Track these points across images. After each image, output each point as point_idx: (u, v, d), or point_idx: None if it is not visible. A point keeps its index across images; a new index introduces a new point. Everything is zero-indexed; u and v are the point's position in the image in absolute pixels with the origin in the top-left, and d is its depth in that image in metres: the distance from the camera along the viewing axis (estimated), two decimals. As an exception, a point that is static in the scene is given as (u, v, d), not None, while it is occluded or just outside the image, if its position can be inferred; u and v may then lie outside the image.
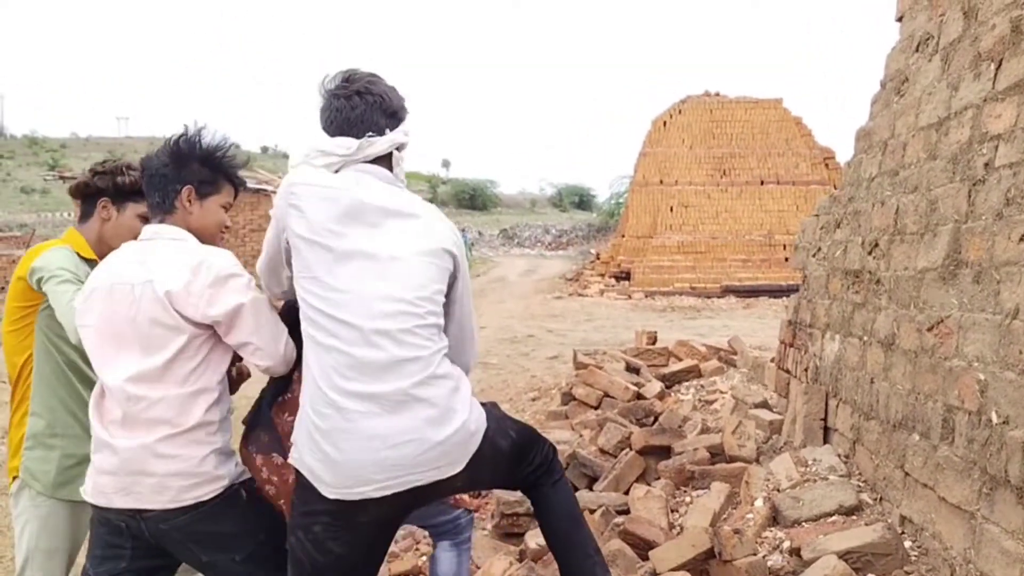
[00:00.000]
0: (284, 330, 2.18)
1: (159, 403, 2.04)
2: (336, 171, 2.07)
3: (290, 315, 2.19)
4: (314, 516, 1.98)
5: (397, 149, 2.14)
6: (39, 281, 2.40)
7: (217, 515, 2.10)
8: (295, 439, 2.00)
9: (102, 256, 2.32)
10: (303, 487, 1.99)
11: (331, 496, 1.92)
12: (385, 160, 2.11)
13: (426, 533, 3.36)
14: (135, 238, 2.26)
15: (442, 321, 2.06)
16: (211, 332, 2.09)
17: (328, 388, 1.91)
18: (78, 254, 2.52)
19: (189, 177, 2.20)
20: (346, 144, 2.06)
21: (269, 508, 2.22)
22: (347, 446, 1.89)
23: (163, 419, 2.05)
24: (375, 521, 2.03)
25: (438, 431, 1.94)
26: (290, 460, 2.04)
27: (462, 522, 2.64)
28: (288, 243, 2.01)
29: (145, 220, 2.33)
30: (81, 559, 3.15)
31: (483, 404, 2.18)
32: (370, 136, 2.07)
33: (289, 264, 2.05)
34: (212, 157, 2.24)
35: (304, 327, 1.99)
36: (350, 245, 1.96)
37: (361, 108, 2.08)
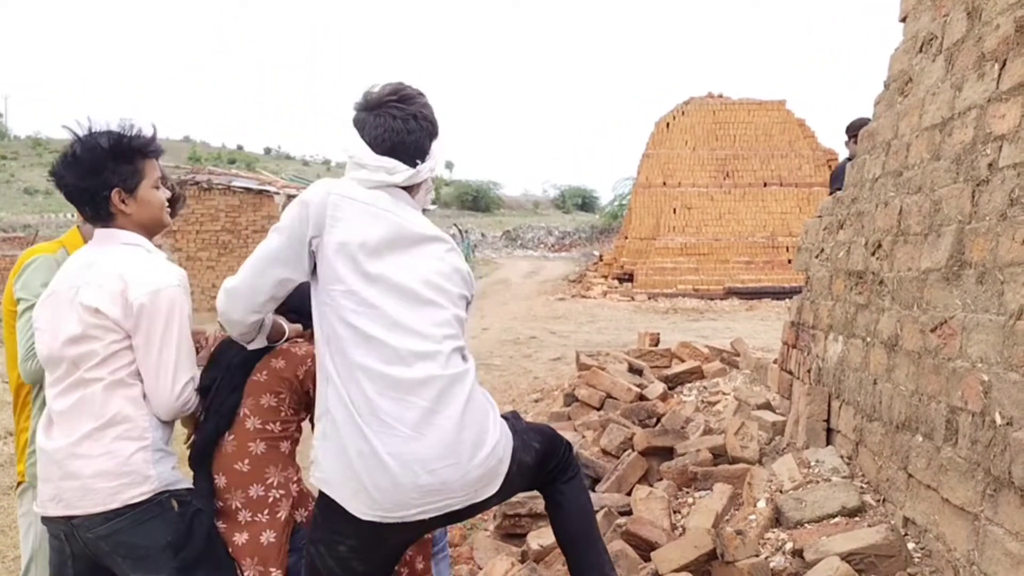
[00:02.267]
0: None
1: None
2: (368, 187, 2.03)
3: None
4: (341, 536, 1.97)
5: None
6: (23, 311, 2.42)
7: (146, 523, 2.01)
8: (318, 460, 1.96)
9: None
10: (329, 507, 1.96)
11: (366, 519, 1.90)
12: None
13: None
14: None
15: (464, 344, 2.06)
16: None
17: (363, 409, 1.88)
18: (64, 247, 2.55)
19: (111, 179, 2.10)
20: (393, 167, 2.01)
21: (215, 540, 2.15)
22: (386, 471, 1.86)
23: (83, 414, 2.01)
24: (401, 541, 2.05)
25: (474, 454, 1.94)
26: (313, 481, 2.02)
27: (436, 533, 2.61)
28: (314, 248, 1.96)
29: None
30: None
31: (505, 417, 2.19)
32: (419, 164, 2.04)
33: (298, 267, 1.99)
34: (121, 149, 2.12)
35: (331, 340, 1.94)
36: (384, 268, 1.94)
37: (417, 134, 2.04)
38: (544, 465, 2.25)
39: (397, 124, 2.01)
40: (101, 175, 2.08)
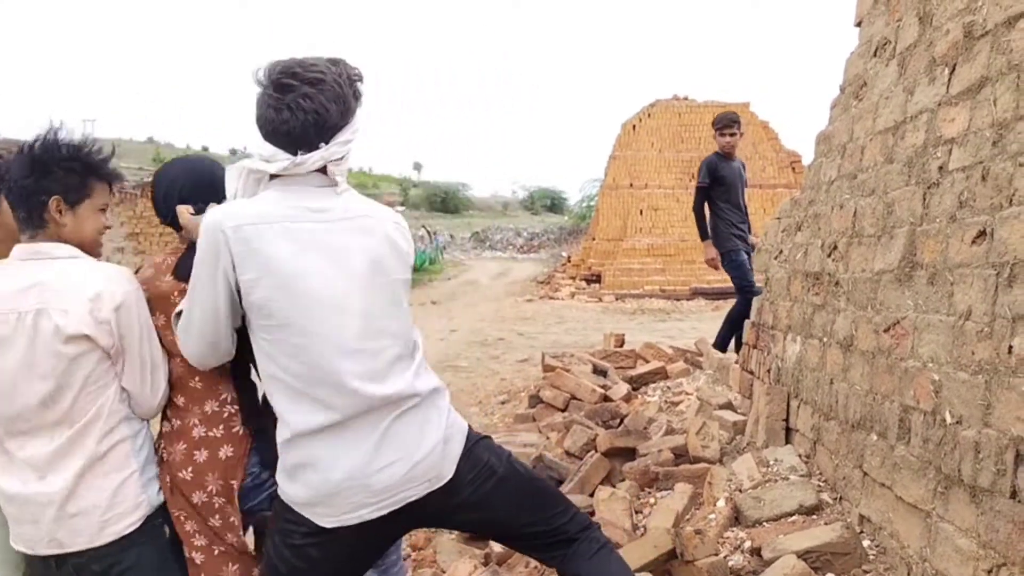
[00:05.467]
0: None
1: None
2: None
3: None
4: (298, 534, 1.96)
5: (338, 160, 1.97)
6: None
7: (138, 547, 2.01)
8: (279, 476, 1.96)
9: None
10: (287, 509, 1.96)
11: (331, 526, 1.90)
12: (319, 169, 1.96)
13: None
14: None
15: (414, 336, 2.03)
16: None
17: (301, 425, 1.88)
18: None
19: (54, 187, 2.00)
20: (273, 158, 1.91)
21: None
22: (335, 478, 1.86)
23: (70, 455, 1.96)
24: (366, 541, 2.01)
25: (419, 447, 1.93)
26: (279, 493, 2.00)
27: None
28: (239, 289, 1.88)
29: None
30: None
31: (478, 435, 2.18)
32: (300, 156, 1.90)
33: (236, 313, 1.93)
34: (76, 159, 2.03)
35: (263, 365, 1.93)
36: (305, 281, 1.86)
37: (291, 124, 1.88)
38: (530, 508, 2.15)
39: (271, 113, 1.89)
40: (47, 177, 1.99)
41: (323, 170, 1.96)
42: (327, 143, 1.92)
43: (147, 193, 15.73)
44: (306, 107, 1.87)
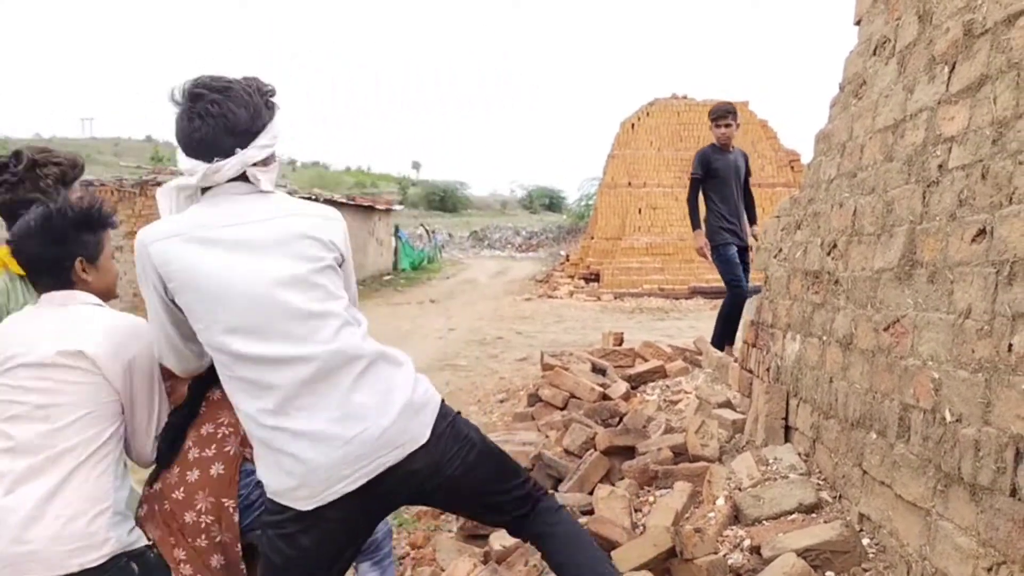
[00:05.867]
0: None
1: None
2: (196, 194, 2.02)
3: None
4: (285, 522, 1.98)
5: (259, 163, 2.02)
6: None
7: None
8: (257, 466, 2.00)
9: None
10: (270, 500, 1.99)
11: (312, 507, 1.92)
12: (242, 176, 2.01)
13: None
14: None
15: (350, 313, 2.04)
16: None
17: (264, 418, 1.92)
18: (7, 268, 2.45)
19: (76, 251, 2.14)
20: (192, 170, 1.97)
21: None
22: (306, 456, 1.89)
23: (44, 475, 1.98)
24: (351, 518, 2.02)
25: (386, 413, 1.95)
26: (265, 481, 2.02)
27: (379, 537, 2.61)
28: (173, 300, 1.96)
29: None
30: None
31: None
32: (216, 162, 1.95)
33: (180, 321, 2.00)
34: (89, 222, 2.17)
35: (219, 370, 1.98)
36: (224, 283, 1.90)
37: (202, 131, 1.94)
38: (501, 478, 2.24)
39: (184, 124, 1.96)
40: (66, 244, 2.12)
41: (248, 179, 2.01)
42: (243, 148, 1.96)
43: (146, 191, 15.74)
44: (214, 112, 1.93)
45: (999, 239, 2.10)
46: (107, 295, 2.25)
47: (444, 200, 64.95)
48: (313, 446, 1.89)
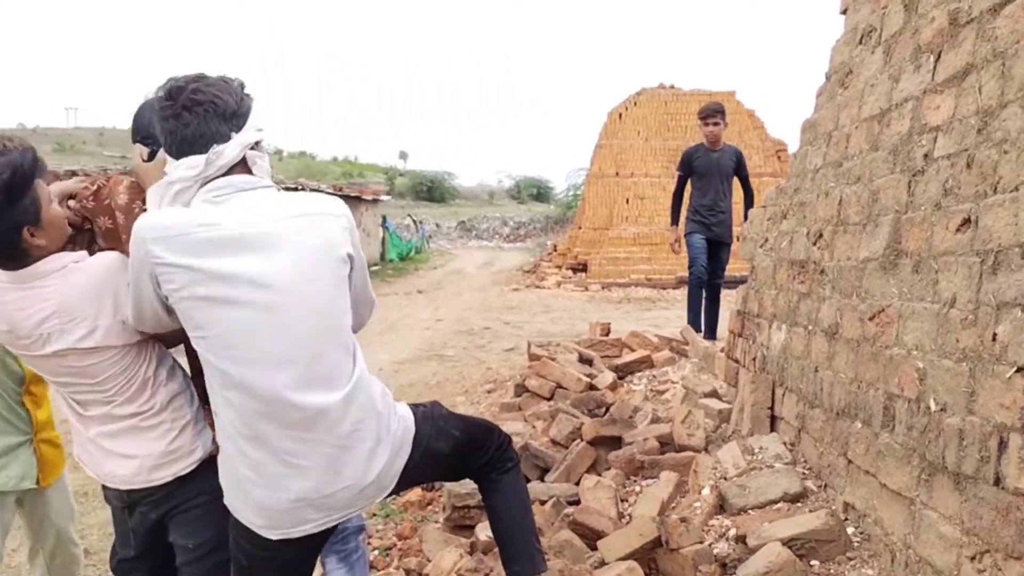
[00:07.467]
0: None
1: None
2: (197, 193, 1.89)
3: None
4: (245, 539, 1.98)
5: (253, 148, 1.93)
6: None
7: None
8: (223, 483, 1.96)
9: None
10: (233, 519, 1.98)
11: (275, 538, 1.91)
12: (241, 165, 1.92)
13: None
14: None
15: (355, 344, 1.97)
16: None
17: (248, 446, 1.86)
18: None
19: (19, 224, 1.97)
20: (192, 163, 1.86)
21: None
22: (281, 496, 1.87)
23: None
24: (309, 546, 2.03)
25: (368, 471, 1.94)
26: (226, 502, 1.98)
27: (349, 528, 2.56)
28: (168, 301, 1.86)
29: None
30: (11, 543, 3.14)
31: (422, 406, 2.18)
32: (216, 148, 1.86)
33: (171, 313, 1.91)
34: (15, 189, 1.96)
35: (208, 379, 1.89)
36: (235, 290, 1.80)
37: (194, 124, 1.85)
38: (470, 455, 2.28)
39: (171, 124, 1.86)
40: (5, 223, 1.95)
41: (248, 169, 1.93)
42: (238, 131, 1.89)
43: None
44: (201, 99, 1.85)
45: (984, 228, 2.10)
46: (60, 243, 2.09)
47: (432, 190, 64.74)
48: (295, 491, 1.88)
